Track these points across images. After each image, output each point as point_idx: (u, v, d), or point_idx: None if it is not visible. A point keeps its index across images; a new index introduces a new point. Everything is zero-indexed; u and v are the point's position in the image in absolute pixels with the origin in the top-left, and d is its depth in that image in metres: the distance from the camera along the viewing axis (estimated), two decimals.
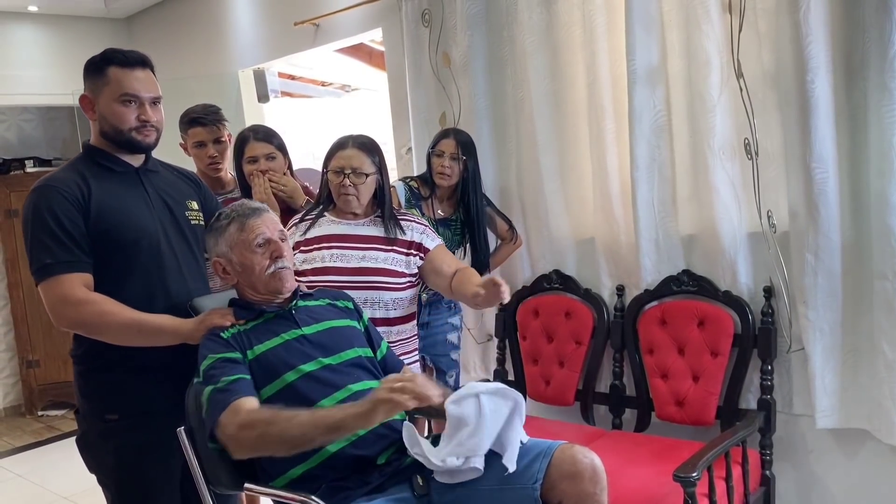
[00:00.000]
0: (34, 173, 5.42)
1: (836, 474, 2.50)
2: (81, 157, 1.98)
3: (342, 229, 2.37)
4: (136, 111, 1.91)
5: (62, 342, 5.32)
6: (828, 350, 2.36)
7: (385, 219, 2.37)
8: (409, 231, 2.37)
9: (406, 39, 3.36)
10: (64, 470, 4.17)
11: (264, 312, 1.91)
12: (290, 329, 1.89)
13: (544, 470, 1.67)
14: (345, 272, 2.29)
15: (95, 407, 1.95)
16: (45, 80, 5.01)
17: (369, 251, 2.32)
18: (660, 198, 2.67)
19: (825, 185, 2.26)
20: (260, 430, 1.64)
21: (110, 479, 1.97)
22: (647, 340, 2.73)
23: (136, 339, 1.85)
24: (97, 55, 1.94)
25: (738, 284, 2.57)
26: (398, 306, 2.34)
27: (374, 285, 2.30)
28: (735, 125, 2.50)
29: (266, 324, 1.89)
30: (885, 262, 2.20)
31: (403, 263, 2.34)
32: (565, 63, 2.91)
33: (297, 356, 1.83)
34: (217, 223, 1.94)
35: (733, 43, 2.45)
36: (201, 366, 1.78)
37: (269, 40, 4.41)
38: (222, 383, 1.72)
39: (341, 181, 2.32)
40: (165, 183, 2.06)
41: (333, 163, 2.35)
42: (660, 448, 2.51)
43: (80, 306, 1.80)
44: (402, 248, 2.34)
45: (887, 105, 2.14)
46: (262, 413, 1.68)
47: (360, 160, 2.33)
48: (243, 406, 1.68)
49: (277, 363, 1.81)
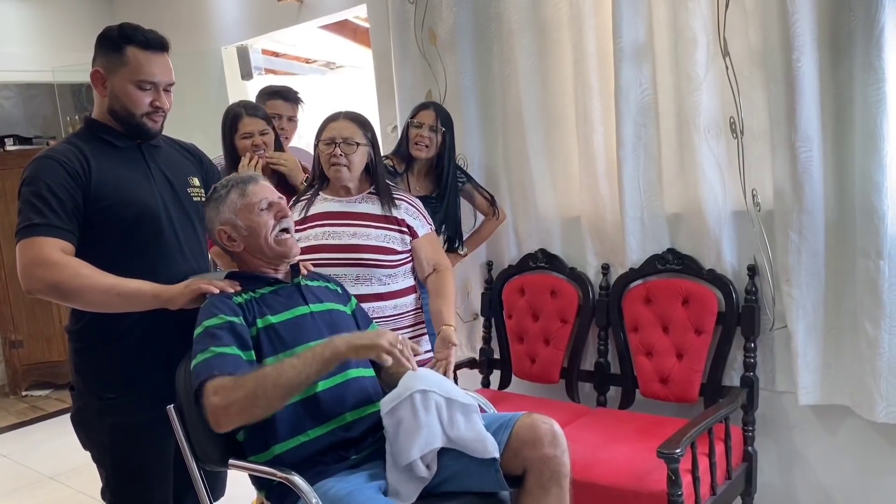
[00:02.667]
0: (14, 151, 5.34)
1: (817, 450, 2.53)
2: (83, 131, 1.94)
3: (334, 206, 2.37)
4: (151, 96, 1.88)
5: (46, 322, 5.30)
6: (810, 328, 2.38)
7: (380, 194, 2.36)
8: (403, 210, 2.37)
9: (391, 16, 3.32)
10: (48, 450, 4.16)
11: (276, 282, 1.91)
12: (300, 305, 1.89)
13: (506, 440, 1.72)
14: (336, 249, 2.29)
15: (92, 384, 1.93)
16: (25, 56, 4.93)
17: (361, 228, 2.32)
18: (645, 176, 2.67)
19: (810, 163, 2.27)
20: (248, 390, 1.63)
21: (105, 456, 1.96)
22: (632, 318, 2.74)
23: (114, 303, 1.79)
24: (114, 29, 1.88)
25: (722, 263, 2.58)
26: (392, 281, 2.34)
27: (365, 262, 2.29)
28: (721, 103, 2.50)
29: (274, 295, 1.88)
30: (869, 240, 2.21)
31: (398, 240, 2.33)
32: (552, 41, 2.89)
33: (306, 332, 1.83)
34: (215, 194, 1.91)
35: (720, 21, 2.44)
36: (207, 321, 1.75)
37: (252, 17, 4.35)
38: (226, 349, 1.70)
39: (332, 151, 2.31)
40: (168, 158, 2.03)
41: (325, 134, 2.35)
42: (644, 425, 2.54)
43: (54, 268, 1.73)
44: (395, 225, 2.34)
45: (873, 84, 2.15)
46: (247, 377, 1.66)
47: (350, 130, 2.32)
48: (225, 379, 1.66)
49: (287, 336, 1.80)
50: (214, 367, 1.67)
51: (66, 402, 5.08)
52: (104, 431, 1.92)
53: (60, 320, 5.25)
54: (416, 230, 2.38)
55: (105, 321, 1.86)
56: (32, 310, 5.28)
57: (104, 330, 1.88)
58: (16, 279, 1.67)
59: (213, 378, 1.65)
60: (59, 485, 3.69)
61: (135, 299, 1.79)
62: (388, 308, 2.33)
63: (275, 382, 1.64)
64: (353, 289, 2.25)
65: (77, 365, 1.96)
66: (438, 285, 2.38)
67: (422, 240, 2.39)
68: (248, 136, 2.71)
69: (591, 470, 2.27)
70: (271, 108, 3.01)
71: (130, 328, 1.87)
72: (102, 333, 1.89)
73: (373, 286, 2.30)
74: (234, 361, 1.69)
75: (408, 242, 2.36)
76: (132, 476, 1.96)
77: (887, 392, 2.24)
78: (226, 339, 1.72)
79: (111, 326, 1.86)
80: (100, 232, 1.84)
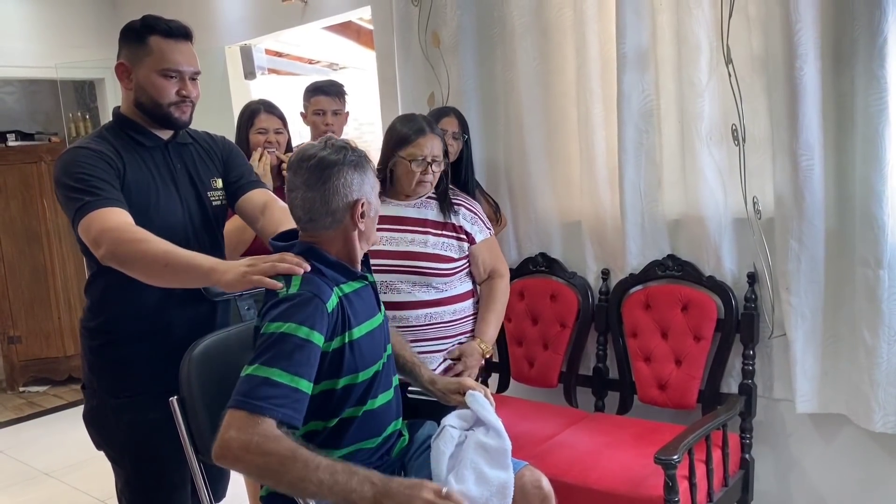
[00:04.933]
0: (16, 147, 5.35)
1: (814, 458, 2.53)
2: (112, 126, 1.91)
3: (394, 210, 2.32)
4: (176, 85, 1.86)
5: (45, 318, 5.29)
6: (809, 336, 2.38)
7: (440, 201, 2.31)
8: (461, 216, 2.33)
9: (395, 18, 3.33)
10: (45, 446, 4.15)
11: (359, 276, 1.70)
12: (376, 312, 1.73)
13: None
14: (393, 255, 2.26)
15: (108, 382, 1.91)
16: (27, 52, 4.92)
17: (419, 234, 2.28)
18: (646, 182, 2.67)
19: (811, 171, 2.27)
20: (269, 465, 1.40)
21: (124, 455, 1.94)
22: (631, 324, 2.74)
23: (163, 274, 1.66)
24: (137, 21, 1.86)
25: (722, 269, 2.58)
26: (449, 287, 2.31)
27: (420, 270, 2.26)
28: (723, 110, 2.50)
29: (358, 295, 1.68)
30: (868, 249, 2.21)
31: (455, 248, 2.30)
32: (555, 45, 2.89)
33: (377, 348, 1.69)
34: (358, 159, 1.65)
35: (723, 28, 2.45)
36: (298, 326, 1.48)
37: (256, 16, 4.35)
38: (289, 380, 1.45)
39: (423, 170, 2.24)
40: (194, 157, 2.00)
41: (412, 149, 2.24)
42: (641, 431, 2.53)
43: (114, 231, 1.66)
44: (453, 232, 2.31)
45: (875, 93, 2.15)
46: (282, 445, 1.40)
47: (439, 147, 2.25)
48: (267, 428, 1.41)
49: (368, 354, 1.65)
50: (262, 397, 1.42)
51: (64, 399, 5.09)
52: (122, 430, 1.90)
53: (59, 316, 5.27)
54: (473, 236, 2.35)
55: (122, 319, 1.84)
56: (31, 305, 5.28)
57: (121, 328, 1.86)
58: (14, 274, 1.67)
59: (249, 412, 1.42)
60: (55, 481, 3.69)
61: (182, 272, 1.65)
62: (447, 313, 2.31)
63: (291, 482, 1.41)
64: (411, 294, 2.25)
65: (92, 363, 1.93)
66: (487, 293, 2.37)
67: (480, 245, 2.36)
68: (263, 132, 2.76)
69: (587, 475, 2.27)
70: (315, 104, 2.99)
71: (149, 327, 1.85)
72: (119, 332, 1.87)
73: (430, 292, 2.28)
74: (291, 399, 1.46)
75: (465, 249, 2.33)
76: (153, 474, 1.93)
77: (885, 401, 2.24)
78: (296, 364, 1.47)
79: (128, 325, 1.85)
80: None
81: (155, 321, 1.85)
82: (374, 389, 1.68)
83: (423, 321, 2.29)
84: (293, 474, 1.39)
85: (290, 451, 1.40)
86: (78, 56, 4.98)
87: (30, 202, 5.25)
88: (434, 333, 2.31)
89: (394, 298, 2.27)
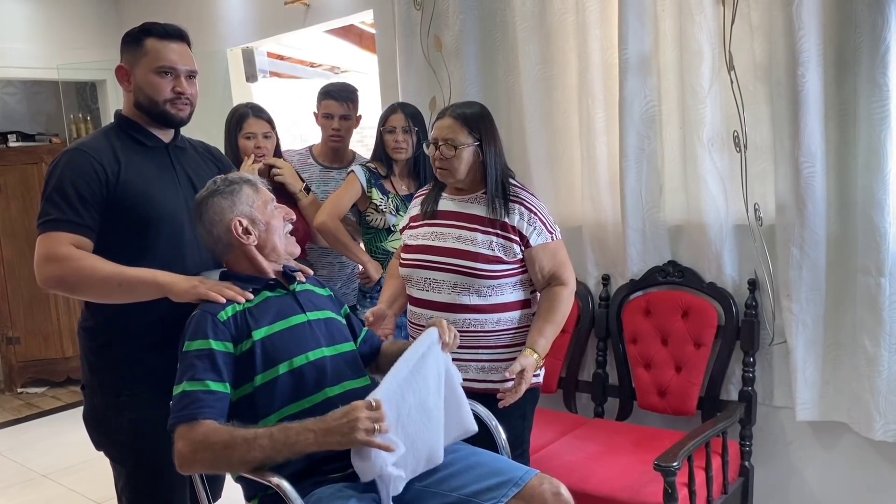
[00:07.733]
0: (16, 148, 5.35)
1: (813, 466, 2.52)
2: (113, 127, 1.98)
3: (448, 205, 2.23)
4: (171, 83, 1.93)
5: (43, 319, 5.28)
6: (810, 343, 2.38)
7: (489, 196, 2.15)
8: (517, 216, 2.13)
9: (397, 22, 3.33)
10: (43, 448, 4.14)
11: (274, 284, 1.86)
12: (297, 313, 1.85)
13: (511, 497, 1.69)
14: (439, 252, 2.15)
15: (108, 382, 1.93)
16: (29, 53, 4.93)
17: (467, 231, 2.13)
18: (648, 188, 2.67)
19: (812, 179, 2.27)
20: (217, 453, 1.60)
21: (126, 454, 1.96)
22: (632, 330, 2.74)
23: (117, 293, 1.80)
24: (135, 27, 1.95)
25: (723, 276, 2.58)
26: (496, 293, 2.12)
27: (464, 270, 2.10)
28: (725, 117, 2.50)
29: (266, 304, 1.83)
30: (870, 257, 2.21)
31: (503, 248, 2.11)
32: (557, 50, 2.89)
33: (304, 342, 1.80)
34: (228, 187, 1.85)
35: (726, 34, 2.45)
36: (192, 342, 1.71)
37: (258, 19, 4.36)
38: (200, 386, 1.65)
39: (432, 153, 2.19)
40: (193, 161, 2.07)
41: (431, 133, 2.22)
42: (641, 437, 2.53)
43: (59, 262, 1.78)
44: (503, 231, 2.12)
45: (877, 101, 2.15)
46: (220, 434, 1.61)
47: (452, 130, 2.15)
48: (203, 427, 1.61)
49: (284, 348, 1.77)
50: (186, 407, 1.63)
51: (62, 400, 5.08)
52: (123, 429, 1.92)
53: (58, 317, 5.26)
54: (528, 239, 2.12)
55: (121, 318, 1.86)
56: (30, 306, 5.27)
57: (121, 327, 1.88)
58: (14, 275, 1.68)
59: (183, 423, 1.62)
60: (53, 483, 3.68)
61: (137, 288, 1.80)
62: (490, 322, 2.12)
63: (241, 458, 1.59)
64: (448, 297, 2.12)
65: (92, 363, 1.96)
66: (544, 301, 2.15)
67: (536, 249, 2.12)
68: (251, 137, 2.75)
69: (587, 481, 2.26)
70: (324, 108, 2.98)
71: (147, 325, 1.87)
72: (119, 331, 1.89)
73: (470, 297, 2.11)
74: (207, 400, 1.65)
75: (518, 252, 2.12)
76: (154, 473, 1.94)
77: (886, 410, 2.24)
78: (200, 371, 1.67)
79: (127, 323, 1.87)
80: (122, 229, 1.86)
81: (153, 319, 1.87)
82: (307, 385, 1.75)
83: (459, 326, 2.07)
84: (239, 453, 1.59)
85: (228, 434, 1.61)
86: (80, 57, 4.98)
87: (30, 203, 5.24)
88: (471, 342, 2.13)
89: (434, 298, 2.16)
